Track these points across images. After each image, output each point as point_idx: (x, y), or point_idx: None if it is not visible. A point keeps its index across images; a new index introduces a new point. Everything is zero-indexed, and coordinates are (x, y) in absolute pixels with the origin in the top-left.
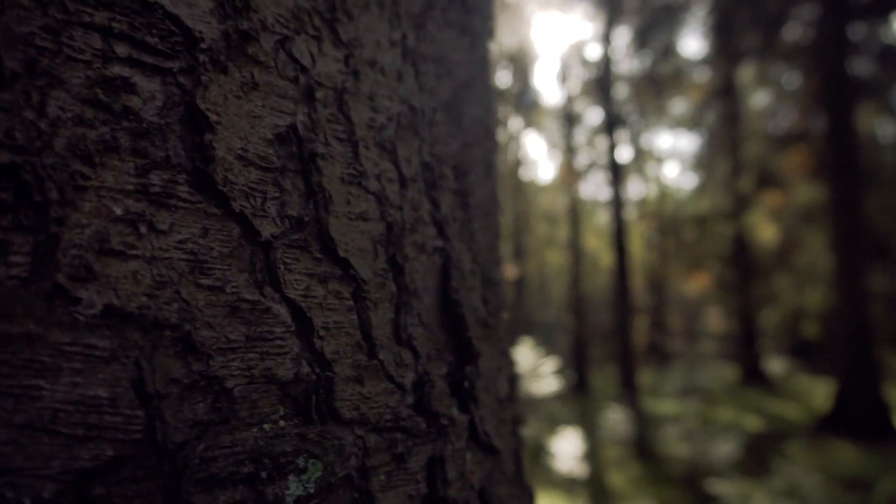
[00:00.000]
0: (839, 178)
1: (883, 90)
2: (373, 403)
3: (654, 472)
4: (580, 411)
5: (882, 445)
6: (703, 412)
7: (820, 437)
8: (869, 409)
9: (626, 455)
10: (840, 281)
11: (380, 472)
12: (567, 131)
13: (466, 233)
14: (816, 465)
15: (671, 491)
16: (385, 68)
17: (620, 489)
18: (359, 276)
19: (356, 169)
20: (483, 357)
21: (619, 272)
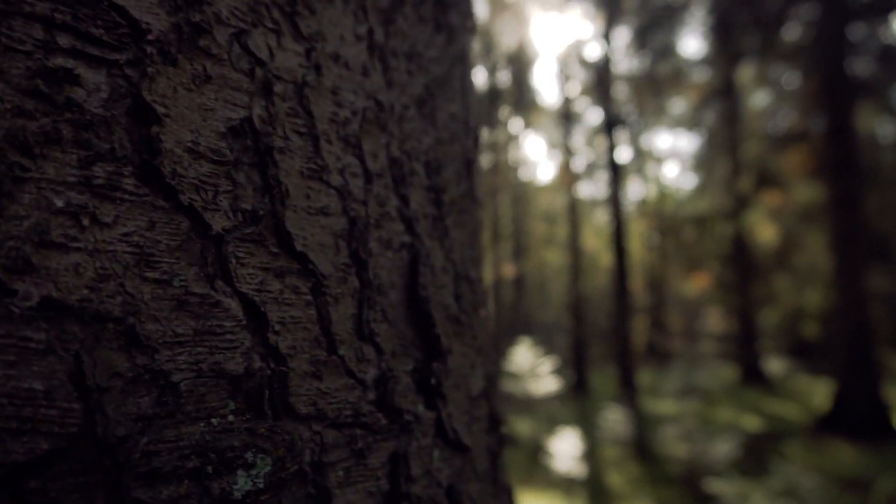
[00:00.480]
0: (838, 178)
1: (882, 90)
2: (332, 399)
3: (652, 472)
4: (579, 411)
5: (881, 445)
6: (703, 412)
7: (819, 436)
8: (868, 409)
9: (625, 455)
10: (839, 281)
11: (338, 467)
12: (566, 131)
13: (439, 229)
14: (815, 464)
15: (670, 491)
16: (349, 63)
17: (619, 489)
18: (318, 271)
19: (317, 163)
20: (454, 354)
21: (618, 272)
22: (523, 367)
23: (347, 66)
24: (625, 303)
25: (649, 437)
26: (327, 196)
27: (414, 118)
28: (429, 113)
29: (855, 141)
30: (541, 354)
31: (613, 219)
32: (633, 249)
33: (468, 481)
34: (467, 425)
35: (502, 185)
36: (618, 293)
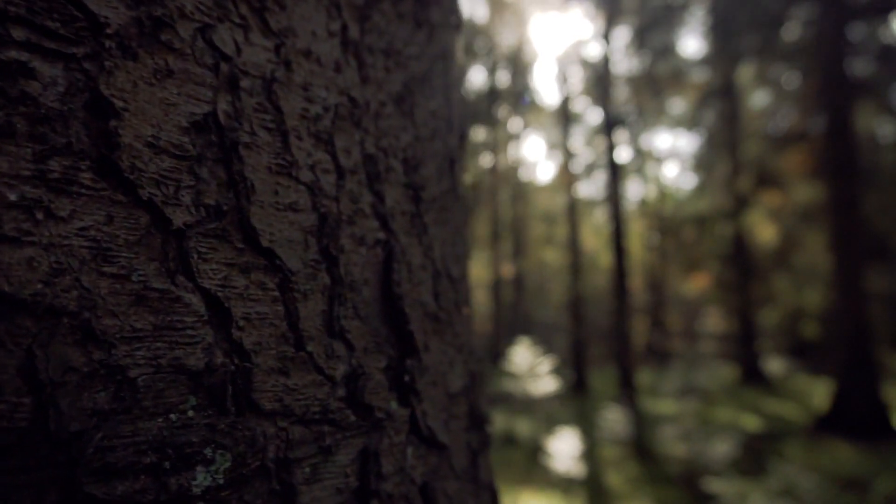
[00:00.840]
0: (838, 178)
1: (882, 90)
2: (299, 395)
3: (651, 472)
4: (578, 411)
5: (880, 445)
6: (702, 412)
7: (818, 436)
8: (867, 408)
9: (624, 455)
10: (839, 281)
11: (304, 464)
12: (566, 131)
13: (417, 227)
14: (814, 464)
15: (669, 490)
16: (322, 59)
17: (618, 489)
18: (286, 267)
19: (285, 159)
20: (431, 351)
21: (617, 272)
22: (522, 367)
23: (319, 62)
24: (624, 303)
25: (648, 436)
26: (297, 192)
27: (392, 115)
28: (408, 110)
29: (854, 141)
30: (540, 354)
31: (613, 219)
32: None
33: (445, 479)
34: (444, 423)
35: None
36: (617, 293)
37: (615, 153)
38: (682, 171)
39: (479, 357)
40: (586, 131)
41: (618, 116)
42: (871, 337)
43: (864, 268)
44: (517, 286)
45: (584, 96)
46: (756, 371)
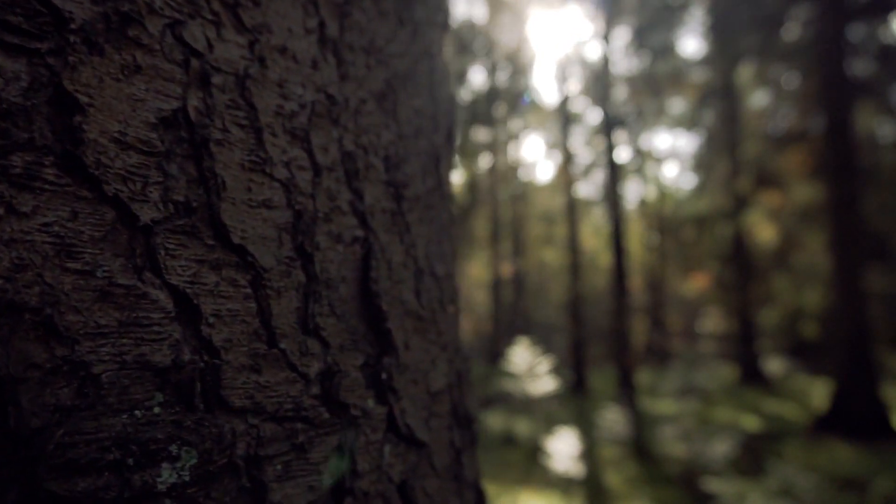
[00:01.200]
0: (837, 178)
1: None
2: (271, 392)
3: (650, 472)
4: (578, 411)
5: (879, 445)
6: (701, 412)
7: (817, 436)
8: (866, 408)
9: (624, 455)
10: (838, 281)
11: (276, 461)
12: (565, 131)
13: (399, 224)
14: (813, 464)
15: (668, 490)
16: (298, 56)
17: (617, 489)
18: (258, 264)
19: (259, 156)
20: (412, 350)
21: (616, 272)
22: (522, 367)
23: (295, 58)
24: (623, 302)
25: (648, 436)
26: (271, 189)
27: (373, 112)
28: (390, 108)
29: (854, 141)
30: (539, 354)
31: (612, 219)
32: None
33: (425, 477)
34: (425, 421)
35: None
36: (616, 293)
37: (614, 153)
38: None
39: (466, 356)
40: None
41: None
42: (870, 337)
43: (863, 268)
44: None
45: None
46: (756, 371)
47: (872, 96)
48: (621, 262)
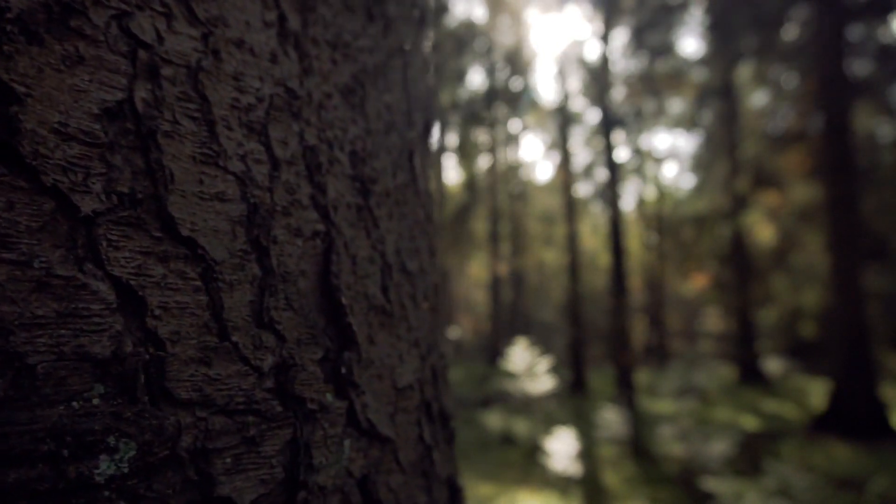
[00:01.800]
0: (836, 178)
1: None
2: (221, 385)
3: (649, 472)
4: (577, 411)
5: (877, 444)
6: (700, 412)
7: (815, 436)
8: (864, 408)
9: (622, 454)
10: (837, 280)
11: (225, 454)
12: (565, 131)
13: (366, 219)
14: (810, 464)
15: (666, 490)
16: (255, 49)
17: (615, 488)
18: (209, 257)
19: (212, 149)
20: (377, 345)
21: (615, 272)
22: (521, 367)
23: (253, 52)
24: (622, 302)
25: (646, 436)
26: (224, 182)
27: (338, 107)
28: (357, 102)
29: (852, 140)
30: (538, 354)
31: (611, 219)
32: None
33: (389, 472)
34: (390, 416)
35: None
36: (615, 292)
37: (614, 153)
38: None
39: (443, 353)
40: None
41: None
42: (868, 336)
43: (862, 267)
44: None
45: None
46: (755, 371)
47: (871, 96)
48: (620, 261)
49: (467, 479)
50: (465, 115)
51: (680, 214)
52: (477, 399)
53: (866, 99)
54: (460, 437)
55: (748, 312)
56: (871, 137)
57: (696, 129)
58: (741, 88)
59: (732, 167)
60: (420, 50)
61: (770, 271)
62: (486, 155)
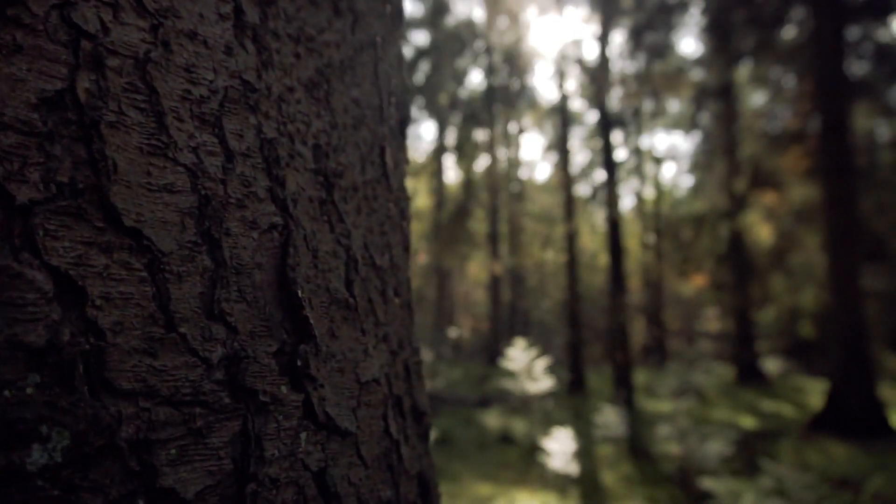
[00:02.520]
0: (834, 178)
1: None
2: (167, 376)
3: (646, 471)
4: (575, 410)
5: (876, 443)
6: (698, 411)
7: (813, 435)
8: (862, 407)
9: (620, 454)
10: (834, 280)
11: (169, 445)
12: (563, 131)
13: (329, 213)
14: (807, 463)
15: (663, 489)
16: (209, 41)
17: (612, 487)
18: (155, 248)
19: (161, 140)
20: (339, 338)
21: (613, 272)
22: (519, 367)
23: (206, 44)
24: (620, 302)
25: (644, 435)
26: (174, 173)
27: (301, 101)
28: (321, 97)
29: (850, 141)
30: (537, 354)
31: (609, 218)
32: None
33: (350, 466)
34: (352, 410)
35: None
36: (613, 292)
37: (612, 153)
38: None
39: (417, 348)
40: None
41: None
42: (866, 336)
43: (860, 267)
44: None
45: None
46: (753, 371)
47: (869, 96)
48: (618, 262)
49: (465, 479)
50: (464, 114)
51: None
52: (476, 399)
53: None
54: (459, 437)
55: (747, 312)
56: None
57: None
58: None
59: (731, 167)
60: (393, 46)
61: (769, 271)
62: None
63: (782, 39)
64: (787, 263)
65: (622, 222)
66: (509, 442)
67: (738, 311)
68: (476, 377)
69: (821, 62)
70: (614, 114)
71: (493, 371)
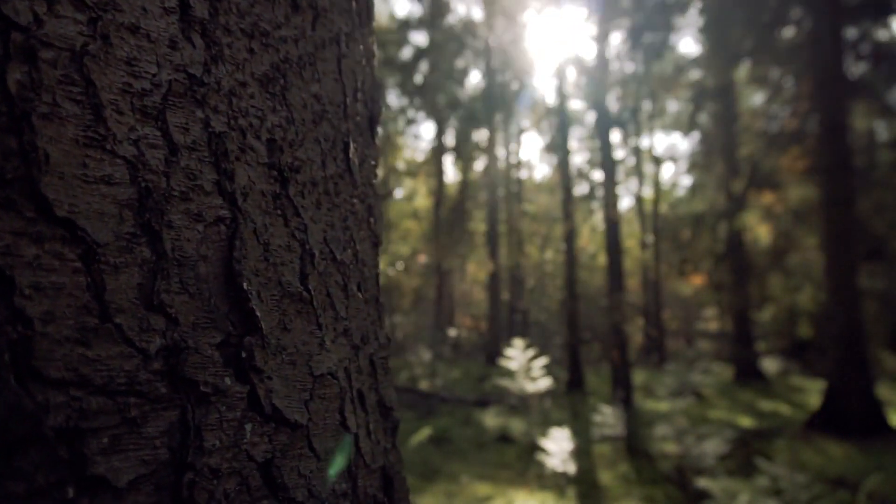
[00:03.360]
0: (833, 178)
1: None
2: (101, 366)
3: (644, 470)
4: (574, 410)
5: (873, 442)
6: (697, 411)
7: (810, 434)
8: (859, 406)
9: (618, 453)
10: (832, 280)
11: (101, 434)
12: (562, 131)
13: (284, 207)
14: (805, 462)
15: (660, 488)
16: (152, 35)
17: (610, 486)
18: (90, 239)
19: (98, 132)
20: (292, 331)
21: (611, 271)
22: (518, 366)
23: (149, 38)
24: (617, 298)
25: (642, 435)
26: (112, 165)
27: (255, 96)
28: (277, 92)
29: (849, 140)
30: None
31: (608, 218)
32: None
33: (300, 458)
34: (304, 403)
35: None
36: (611, 292)
37: (611, 152)
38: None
39: (384, 344)
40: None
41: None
42: (864, 335)
43: (858, 266)
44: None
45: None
46: (752, 370)
47: (868, 96)
48: (615, 260)
49: (463, 478)
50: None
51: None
52: (475, 398)
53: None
54: (458, 436)
55: (745, 312)
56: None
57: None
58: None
59: (730, 167)
60: (361, 41)
61: (767, 271)
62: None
63: (781, 39)
64: (785, 263)
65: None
66: (507, 441)
67: (736, 311)
68: (475, 377)
69: (819, 62)
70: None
71: (493, 371)
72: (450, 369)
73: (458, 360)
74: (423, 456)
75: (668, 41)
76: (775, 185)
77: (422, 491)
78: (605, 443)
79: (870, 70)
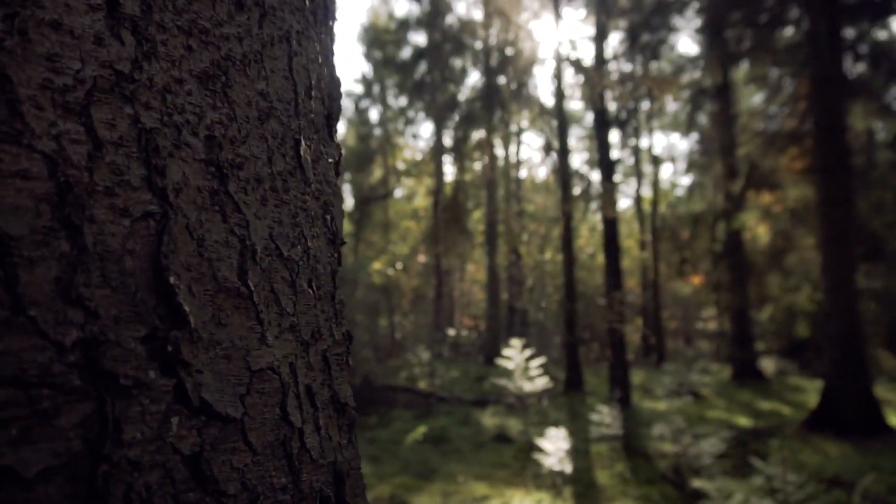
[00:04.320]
0: (831, 178)
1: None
2: (12, 358)
3: (640, 469)
4: (571, 409)
5: (871, 442)
6: (695, 410)
7: (808, 434)
8: (857, 406)
9: (615, 452)
10: (830, 279)
11: (11, 426)
12: (561, 131)
13: (223, 203)
14: (801, 462)
15: (656, 488)
16: (75, 31)
17: (606, 486)
18: (2, 232)
19: (14, 127)
20: (227, 326)
21: (609, 271)
22: (517, 366)
23: (72, 34)
24: (615, 301)
25: (640, 434)
26: (29, 160)
27: (193, 93)
28: (218, 89)
29: (847, 140)
30: (535, 353)
31: (606, 218)
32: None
33: (233, 452)
34: (239, 397)
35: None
36: (609, 292)
37: (609, 152)
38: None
39: (340, 341)
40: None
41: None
42: (862, 335)
43: (856, 266)
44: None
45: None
46: (750, 370)
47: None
48: (613, 260)
49: (461, 478)
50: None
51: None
52: (473, 398)
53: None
54: (455, 436)
55: (744, 312)
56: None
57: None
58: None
59: (728, 167)
60: (316, 40)
61: (766, 271)
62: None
63: (779, 39)
64: (784, 263)
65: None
66: (505, 441)
67: (735, 311)
68: (473, 376)
69: (817, 62)
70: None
71: (491, 370)
72: (448, 369)
73: (457, 359)
74: (421, 455)
75: (666, 41)
76: (774, 185)
77: (419, 490)
78: (602, 442)
79: (868, 70)
